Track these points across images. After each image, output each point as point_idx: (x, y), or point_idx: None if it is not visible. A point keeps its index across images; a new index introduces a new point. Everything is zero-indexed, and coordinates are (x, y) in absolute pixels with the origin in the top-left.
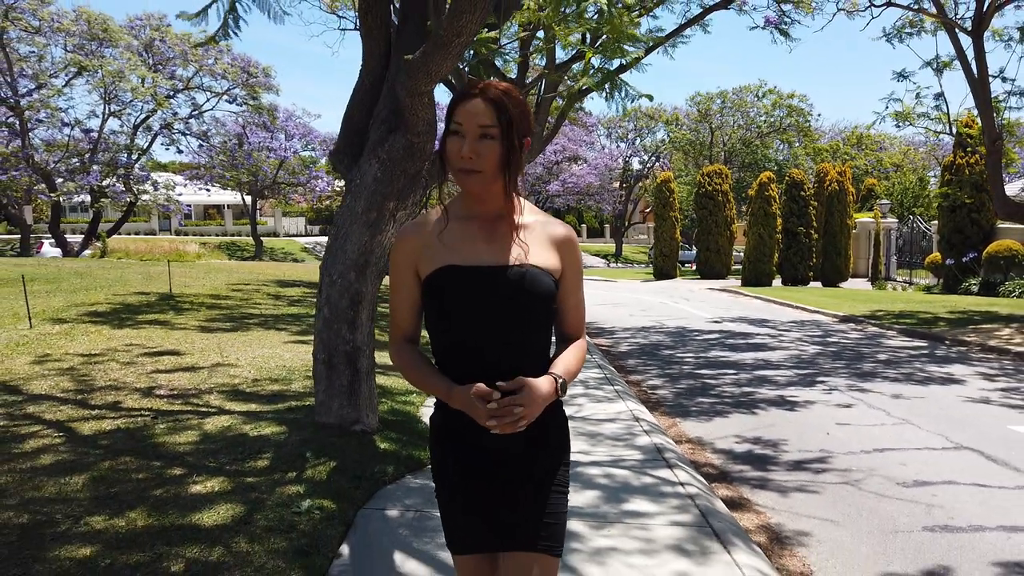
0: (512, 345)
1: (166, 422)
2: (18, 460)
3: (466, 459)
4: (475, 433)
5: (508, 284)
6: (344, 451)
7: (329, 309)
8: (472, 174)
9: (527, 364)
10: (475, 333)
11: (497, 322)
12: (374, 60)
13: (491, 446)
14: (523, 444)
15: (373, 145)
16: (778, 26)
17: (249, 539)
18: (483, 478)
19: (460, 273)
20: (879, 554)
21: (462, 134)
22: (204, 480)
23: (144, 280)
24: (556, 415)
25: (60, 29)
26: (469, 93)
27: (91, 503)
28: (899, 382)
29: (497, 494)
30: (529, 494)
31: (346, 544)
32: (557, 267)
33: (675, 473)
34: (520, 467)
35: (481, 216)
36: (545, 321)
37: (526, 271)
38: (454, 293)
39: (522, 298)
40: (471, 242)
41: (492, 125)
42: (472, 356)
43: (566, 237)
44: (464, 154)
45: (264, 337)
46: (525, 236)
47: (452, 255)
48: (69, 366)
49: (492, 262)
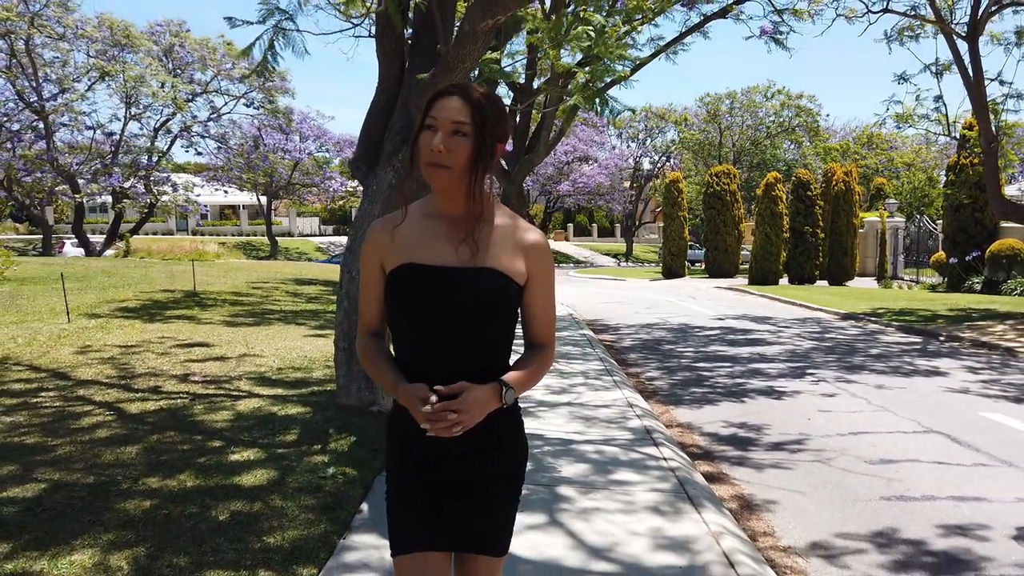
0: (469, 347)
1: (202, 404)
2: (78, 434)
3: (412, 457)
4: (421, 433)
5: (467, 285)
6: (363, 428)
7: (349, 302)
8: (440, 168)
9: (484, 367)
10: (432, 332)
11: (454, 323)
12: (389, 79)
13: (434, 448)
14: (464, 449)
15: (388, 155)
16: (773, 36)
17: (283, 497)
18: (427, 477)
19: (420, 271)
20: (836, 518)
21: (435, 128)
22: (241, 451)
23: (168, 278)
24: (509, 423)
25: (83, 35)
26: (449, 91)
27: (145, 467)
28: (885, 374)
29: (437, 494)
30: (471, 498)
31: (365, 503)
32: (522, 271)
33: (660, 451)
34: (461, 472)
35: (448, 216)
36: (503, 325)
37: (486, 273)
38: (412, 291)
39: (480, 301)
40: (435, 241)
41: (466, 123)
42: (428, 355)
43: (535, 242)
44: (434, 147)
45: (285, 331)
46: (491, 238)
47: (415, 253)
48: (109, 356)
49: (453, 262)
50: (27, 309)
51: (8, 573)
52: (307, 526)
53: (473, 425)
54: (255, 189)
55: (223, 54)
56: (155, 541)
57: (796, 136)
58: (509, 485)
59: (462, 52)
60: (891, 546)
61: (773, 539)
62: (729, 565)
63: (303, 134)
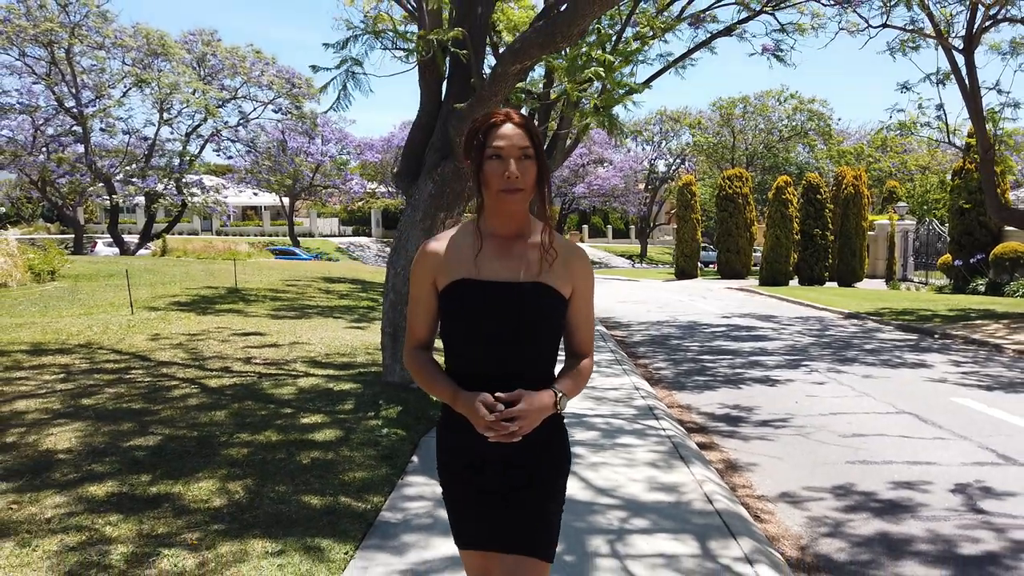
0: (519, 357)
1: (268, 381)
2: (172, 402)
3: (468, 462)
4: (477, 438)
5: (519, 299)
6: (407, 400)
7: (394, 293)
8: (516, 192)
9: (533, 376)
10: (485, 344)
11: (506, 334)
12: (430, 104)
13: (491, 452)
14: (521, 452)
15: (428, 168)
16: (774, 53)
17: (349, 449)
18: (483, 481)
19: (474, 286)
20: (805, 476)
21: (503, 157)
22: (309, 415)
23: (207, 276)
24: (558, 428)
25: (120, 44)
26: (499, 121)
27: (235, 427)
28: (873, 366)
29: (496, 497)
30: (525, 500)
31: (415, 456)
32: (567, 285)
33: (660, 423)
34: (517, 474)
35: (500, 235)
36: (552, 336)
37: (537, 288)
38: (467, 305)
39: (531, 313)
40: (487, 259)
41: (528, 146)
42: (481, 366)
43: (579, 256)
44: (511, 174)
45: (325, 324)
46: (539, 255)
47: (468, 270)
48: (178, 342)
49: (506, 278)
50: (90, 303)
51: (155, 494)
52: (371, 469)
53: (531, 430)
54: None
55: (252, 61)
56: (257, 476)
57: (809, 140)
58: (553, 490)
59: (495, 88)
60: (847, 496)
61: (749, 490)
62: (708, 502)
63: (324, 137)
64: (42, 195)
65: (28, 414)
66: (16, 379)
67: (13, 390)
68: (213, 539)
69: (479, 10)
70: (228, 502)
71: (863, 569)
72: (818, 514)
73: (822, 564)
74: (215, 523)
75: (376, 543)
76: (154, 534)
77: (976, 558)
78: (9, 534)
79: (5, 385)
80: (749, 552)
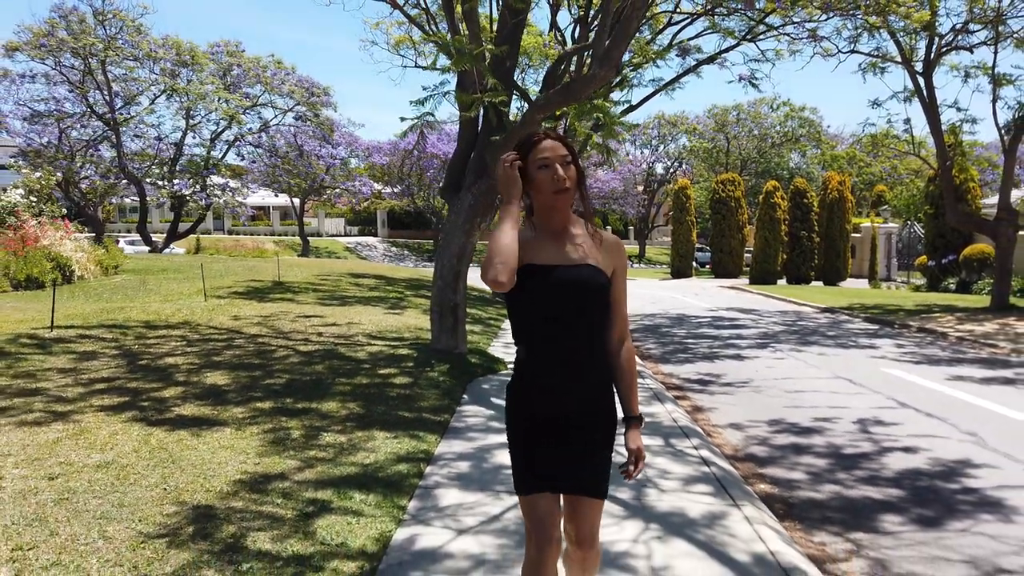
0: (577, 325)
1: (343, 347)
2: (281, 360)
3: (533, 420)
4: (542, 401)
5: (575, 277)
6: (452, 360)
7: (442, 280)
8: (565, 192)
9: (590, 345)
10: (550, 316)
11: (567, 305)
12: (468, 135)
13: (548, 412)
14: (580, 414)
15: (468, 184)
16: (750, 80)
17: (419, 388)
18: (547, 437)
19: (538, 270)
20: (749, 414)
21: (550, 165)
22: (384, 368)
23: (247, 271)
24: (606, 396)
25: (152, 56)
26: (539, 138)
27: (333, 375)
28: (829, 347)
29: (559, 450)
30: (585, 451)
31: (466, 394)
32: (609, 265)
33: (646, 382)
34: (571, 431)
35: (551, 229)
36: (602, 307)
37: (589, 267)
38: (533, 284)
39: (586, 287)
40: (545, 248)
41: (568, 155)
42: (548, 337)
43: (616, 243)
44: (560, 177)
45: (366, 310)
46: (584, 243)
47: (533, 256)
48: (257, 321)
49: (562, 261)
50: (162, 292)
51: (301, 408)
52: (438, 400)
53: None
54: (297, 192)
55: (273, 72)
56: (364, 401)
57: (801, 145)
58: (606, 441)
59: (522, 129)
60: (776, 425)
61: (707, 422)
62: (674, 423)
63: (335, 141)
64: (64, 195)
65: (181, 366)
66: (152, 345)
67: (156, 351)
68: (351, 429)
69: (507, 64)
70: (351, 413)
71: (775, 460)
72: (752, 434)
73: (747, 457)
74: (348, 423)
75: (451, 436)
76: (313, 426)
77: (854, 455)
78: (226, 424)
79: (147, 348)
80: (696, 445)
